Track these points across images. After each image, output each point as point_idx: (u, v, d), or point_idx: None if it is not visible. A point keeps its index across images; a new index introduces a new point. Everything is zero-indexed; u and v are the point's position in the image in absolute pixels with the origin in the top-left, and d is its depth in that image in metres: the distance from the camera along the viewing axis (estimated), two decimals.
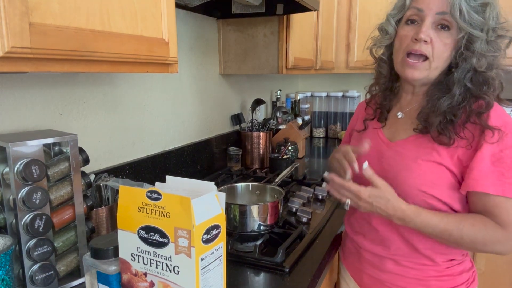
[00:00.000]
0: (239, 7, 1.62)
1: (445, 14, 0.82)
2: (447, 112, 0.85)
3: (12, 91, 0.96)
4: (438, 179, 0.86)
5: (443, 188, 0.86)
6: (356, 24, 2.43)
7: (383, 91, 1.01)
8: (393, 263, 0.95)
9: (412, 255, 0.92)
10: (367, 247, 0.99)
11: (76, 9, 0.65)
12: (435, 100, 0.87)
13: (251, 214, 1.06)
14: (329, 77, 3.00)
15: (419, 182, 0.86)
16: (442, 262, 0.92)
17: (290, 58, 1.75)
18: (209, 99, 1.81)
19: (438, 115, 0.86)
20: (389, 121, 1.00)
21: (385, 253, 0.95)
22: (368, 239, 0.99)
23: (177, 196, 0.63)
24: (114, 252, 0.72)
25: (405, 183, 0.88)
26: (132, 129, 1.35)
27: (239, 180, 1.68)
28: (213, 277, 0.69)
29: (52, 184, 0.85)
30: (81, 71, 0.70)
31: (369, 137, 1.01)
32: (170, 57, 0.88)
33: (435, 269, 0.92)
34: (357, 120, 1.13)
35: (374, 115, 1.04)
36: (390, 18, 0.93)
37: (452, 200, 0.86)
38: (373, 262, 0.99)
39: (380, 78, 1.01)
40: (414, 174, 0.87)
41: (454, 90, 0.85)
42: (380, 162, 0.95)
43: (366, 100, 1.09)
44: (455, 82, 0.85)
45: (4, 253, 0.72)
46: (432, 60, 0.85)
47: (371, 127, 1.04)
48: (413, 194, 0.87)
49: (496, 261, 1.99)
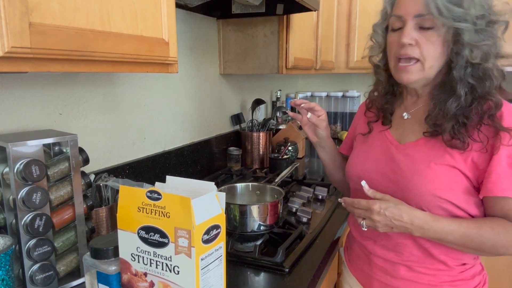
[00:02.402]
0: (239, 7, 1.62)
1: (423, 15, 0.81)
2: (458, 115, 0.83)
3: (12, 91, 0.96)
4: (452, 183, 0.83)
5: (458, 193, 0.83)
6: (356, 24, 2.43)
7: (383, 95, 1.01)
8: (406, 269, 0.92)
9: (426, 261, 0.90)
10: (378, 252, 0.96)
11: (76, 9, 0.65)
12: (443, 103, 0.85)
13: (251, 214, 1.06)
14: (329, 77, 3.00)
15: (432, 187, 0.84)
16: (455, 266, 0.90)
17: (290, 58, 1.75)
18: (209, 99, 1.81)
19: (450, 119, 0.83)
20: (395, 122, 0.99)
21: (398, 259, 0.93)
22: (379, 245, 0.96)
23: (177, 196, 0.63)
24: (114, 252, 0.72)
25: (419, 188, 0.85)
26: (132, 129, 1.35)
27: (239, 180, 1.68)
28: (213, 277, 0.68)
29: (52, 184, 0.84)
30: (81, 71, 0.70)
31: (376, 139, 1.00)
32: (170, 57, 0.88)
33: (448, 274, 0.90)
34: (358, 124, 1.11)
35: (377, 117, 1.03)
36: (377, 28, 0.94)
37: (468, 205, 0.84)
38: (385, 268, 0.96)
39: (379, 84, 1.01)
40: (427, 178, 0.85)
41: (458, 90, 0.83)
42: (390, 165, 0.93)
43: (366, 104, 1.08)
44: (457, 80, 0.83)
45: (4, 253, 0.72)
46: (424, 61, 0.84)
47: (376, 129, 1.02)
48: (427, 200, 0.84)
49: (496, 261, 1.98)
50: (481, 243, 0.80)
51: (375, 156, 0.97)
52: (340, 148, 1.20)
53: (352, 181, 1.02)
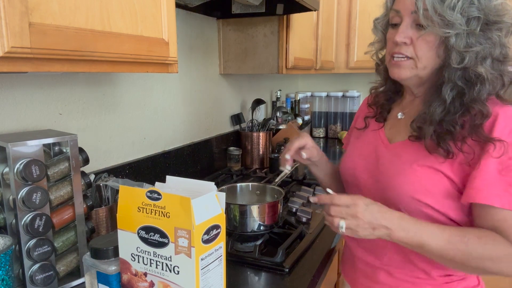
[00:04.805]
0: (239, 7, 1.62)
1: (418, 12, 0.76)
2: (444, 121, 0.78)
3: (12, 91, 0.96)
4: (433, 187, 0.78)
5: (438, 197, 0.79)
6: (356, 24, 2.44)
7: (385, 92, 0.99)
8: (386, 274, 0.89)
9: (406, 267, 0.86)
10: (360, 255, 0.94)
11: (76, 9, 0.65)
12: (428, 106, 0.81)
13: (251, 214, 1.06)
14: (329, 77, 3.00)
15: (412, 188, 0.80)
16: (438, 276, 0.85)
17: (290, 58, 1.75)
18: (209, 99, 1.81)
19: (431, 124, 0.79)
20: (390, 121, 0.96)
21: (378, 263, 0.90)
22: (362, 247, 0.94)
23: (177, 196, 0.63)
24: (114, 252, 0.72)
25: (398, 189, 0.82)
26: (132, 129, 1.35)
27: (239, 180, 1.68)
28: (213, 277, 0.68)
29: (52, 184, 0.84)
30: (81, 71, 0.70)
31: (370, 136, 0.97)
32: (170, 57, 0.88)
33: (430, 284, 0.85)
34: (358, 117, 1.08)
35: (375, 113, 1.00)
36: (377, 24, 0.91)
37: (450, 210, 0.79)
38: (366, 272, 0.93)
39: (381, 80, 0.99)
40: (407, 179, 0.81)
41: (443, 93, 0.78)
42: (376, 164, 0.90)
43: (368, 99, 1.05)
44: (445, 81, 0.78)
45: (4, 253, 0.72)
46: (418, 60, 0.80)
47: (372, 126, 1.00)
48: (406, 201, 0.81)
49: None
50: (467, 253, 0.72)
51: (366, 153, 0.94)
52: (344, 145, 1.15)
53: (344, 179, 1.00)
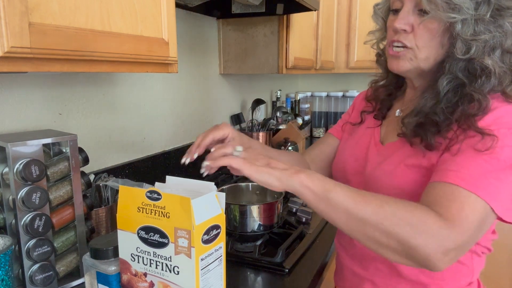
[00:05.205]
0: (239, 6, 1.62)
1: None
2: (431, 113, 0.71)
3: (12, 91, 0.96)
4: (420, 189, 0.70)
5: None
6: (356, 24, 2.44)
7: (386, 86, 0.92)
8: (371, 285, 0.84)
9: (393, 280, 0.80)
10: (348, 264, 0.90)
11: (76, 9, 0.65)
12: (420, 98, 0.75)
13: (251, 214, 1.06)
14: (329, 77, 3.00)
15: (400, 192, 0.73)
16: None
17: (290, 58, 1.75)
18: (209, 99, 1.81)
19: (416, 115, 0.72)
20: (388, 119, 0.89)
21: (364, 273, 0.85)
22: (349, 255, 0.89)
23: (177, 196, 0.63)
24: (114, 252, 0.72)
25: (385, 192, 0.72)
26: (132, 129, 1.35)
27: (239, 180, 1.68)
28: (213, 277, 0.68)
29: (52, 184, 0.84)
30: (81, 71, 0.70)
31: (364, 134, 0.91)
32: (170, 57, 0.88)
33: None
34: (352, 112, 1.01)
35: (373, 109, 0.93)
36: (377, 10, 0.84)
37: None
38: (352, 282, 0.89)
39: (382, 73, 0.93)
40: (395, 182, 0.75)
41: (439, 83, 0.71)
42: (366, 166, 0.85)
43: (366, 94, 0.98)
44: (445, 71, 0.71)
45: (4, 253, 0.72)
46: (418, 50, 0.73)
47: (367, 123, 0.92)
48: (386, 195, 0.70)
49: (496, 261, 1.98)
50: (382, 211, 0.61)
51: (357, 154, 0.89)
52: (330, 129, 1.06)
53: (335, 178, 0.91)
